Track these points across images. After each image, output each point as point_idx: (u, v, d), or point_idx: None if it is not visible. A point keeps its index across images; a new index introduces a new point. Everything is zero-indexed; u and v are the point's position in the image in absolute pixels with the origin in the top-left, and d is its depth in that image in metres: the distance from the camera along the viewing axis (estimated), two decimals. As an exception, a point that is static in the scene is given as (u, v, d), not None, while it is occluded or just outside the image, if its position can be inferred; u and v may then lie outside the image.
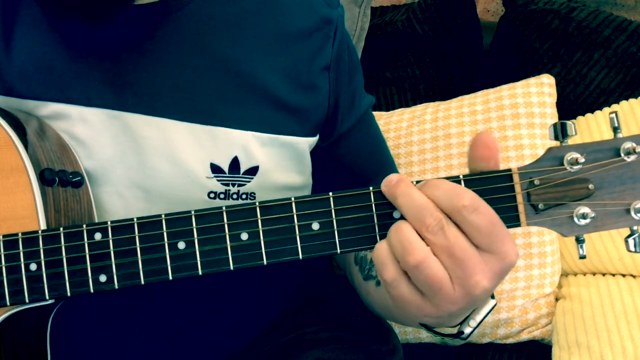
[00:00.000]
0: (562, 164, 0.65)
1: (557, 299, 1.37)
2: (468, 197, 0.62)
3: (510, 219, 0.66)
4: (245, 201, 0.87)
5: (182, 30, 0.86)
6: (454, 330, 0.74)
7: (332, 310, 1.08)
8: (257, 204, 0.69)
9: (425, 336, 1.39)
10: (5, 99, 0.83)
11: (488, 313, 0.71)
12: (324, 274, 1.19)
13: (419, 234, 0.63)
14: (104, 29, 0.83)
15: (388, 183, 0.66)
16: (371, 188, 0.68)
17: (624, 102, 1.47)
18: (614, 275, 1.38)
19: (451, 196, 0.62)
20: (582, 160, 0.64)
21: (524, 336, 1.34)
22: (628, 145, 0.64)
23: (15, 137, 0.74)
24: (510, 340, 1.35)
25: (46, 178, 0.75)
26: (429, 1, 1.77)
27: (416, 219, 0.63)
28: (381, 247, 0.65)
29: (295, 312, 1.08)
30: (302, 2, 0.94)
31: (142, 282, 0.70)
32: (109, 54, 0.84)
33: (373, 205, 0.68)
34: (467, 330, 0.72)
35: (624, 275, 1.37)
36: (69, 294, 0.70)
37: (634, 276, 1.37)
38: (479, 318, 0.71)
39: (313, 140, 0.93)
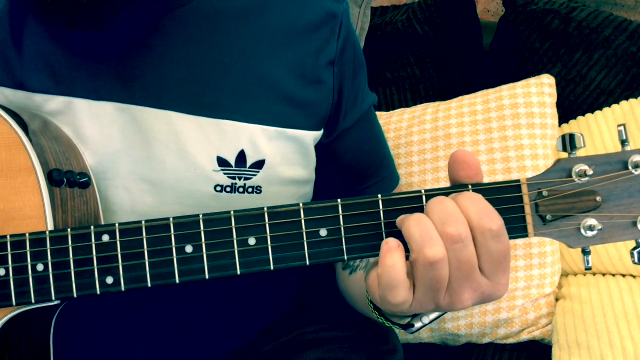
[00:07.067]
0: (570, 176, 0.66)
1: (557, 299, 1.37)
2: (496, 223, 0.63)
3: (518, 230, 0.67)
4: (251, 194, 0.88)
5: (187, 24, 0.86)
6: (404, 322, 0.76)
7: (332, 310, 1.08)
8: (265, 209, 0.69)
9: (425, 336, 1.40)
10: (15, 93, 0.83)
11: (442, 315, 0.74)
12: (323, 274, 1.19)
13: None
14: (110, 24, 0.83)
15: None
16: (379, 195, 0.68)
17: (624, 102, 1.47)
18: (614, 275, 1.39)
19: (482, 216, 0.64)
20: (590, 172, 0.65)
21: (524, 336, 1.35)
22: (636, 158, 0.65)
23: (24, 137, 0.74)
24: (510, 340, 1.36)
25: (54, 178, 0.74)
26: (429, 1, 1.77)
27: (443, 225, 0.64)
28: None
29: (296, 312, 1.09)
30: None
31: (149, 285, 0.70)
32: (115, 48, 0.84)
33: (381, 212, 0.68)
34: (418, 325, 0.74)
35: (624, 275, 1.38)
36: (75, 295, 0.70)
37: (634, 276, 1.37)
38: (432, 316, 0.73)
39: (318, 134, 0.93)
